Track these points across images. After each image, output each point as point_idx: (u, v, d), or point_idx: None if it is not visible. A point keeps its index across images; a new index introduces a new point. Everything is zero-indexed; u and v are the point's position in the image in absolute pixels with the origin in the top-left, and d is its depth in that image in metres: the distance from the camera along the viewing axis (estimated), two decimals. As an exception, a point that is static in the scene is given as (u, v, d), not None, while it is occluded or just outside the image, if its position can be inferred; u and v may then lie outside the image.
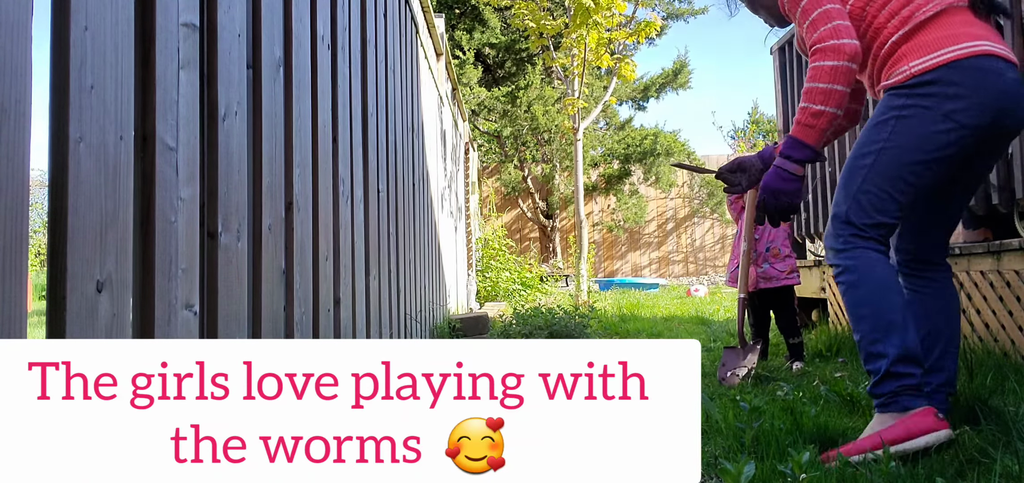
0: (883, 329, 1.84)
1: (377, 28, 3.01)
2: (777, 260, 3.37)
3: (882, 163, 1.89)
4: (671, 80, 15.31)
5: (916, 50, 1.89)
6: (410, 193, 3.90)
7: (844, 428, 2.10)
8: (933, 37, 1.88)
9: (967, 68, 1.83)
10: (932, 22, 1.90)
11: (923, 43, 1.89)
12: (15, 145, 0.89)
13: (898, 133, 1.88)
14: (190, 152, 1.30)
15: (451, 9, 14.02)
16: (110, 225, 1.06)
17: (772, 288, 3.37)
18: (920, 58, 1.87)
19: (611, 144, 15.14)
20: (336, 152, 2.27)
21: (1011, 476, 1.64)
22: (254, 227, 1.61)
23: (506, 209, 15.39)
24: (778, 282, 3.36)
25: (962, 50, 1.84)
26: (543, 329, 4.08)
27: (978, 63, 1.84)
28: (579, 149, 8.66)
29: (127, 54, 1.12)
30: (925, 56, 1.87)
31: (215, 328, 1.39)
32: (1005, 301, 2.74)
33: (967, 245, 2.91)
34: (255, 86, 1.63)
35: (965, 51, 1.84)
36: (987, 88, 1.83)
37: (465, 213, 8.58)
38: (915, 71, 1.87)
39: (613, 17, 8.17)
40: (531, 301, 7.18)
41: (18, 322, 0.90)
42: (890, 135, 1.89)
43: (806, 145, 1.94)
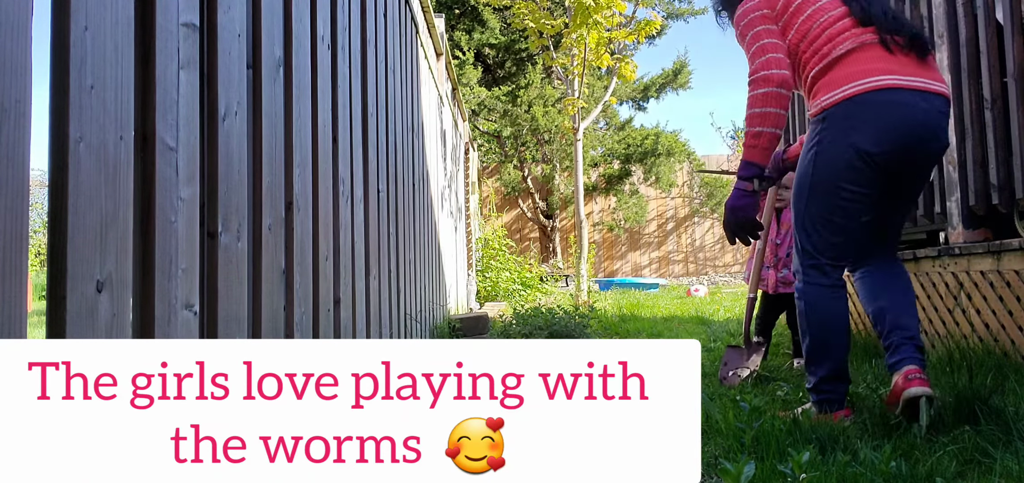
0: (819, 354, 2.20)
1: (377, 28, 3.01)
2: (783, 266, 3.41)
3: (816, 192, 2.16)
4: (671, 80, 15.30)
5: (827, 85, 2.13)
6: (410, 193, 3.90)
7: (843, 427, 2.10)
8: (842, 73, 2.11)
9: (867, 101, 2.06)
10: (844, 59, 2.13)
11: (833, 79, 2.12)
12: (15, 145, 0.89)
13: (819, 164, 2.15)
14: (190, 152, 1.30)
15: (451, 9, 14.02)
16: (110, 225, 1.06)
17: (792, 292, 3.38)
18: (828, 93, 2.12)
19: (611, 144, 15.14)
20: (336, 152, 2.27)
21: (1011, 476, 1.64)
22: (254, 227, 1.61)
23: (506, 209, 15.39)
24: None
25: (863, 85, 2.07)
26: (543, 329, 4.08)
27: (877, 96, 2.06)
28: (579, 149, 8.66)
29: (127, 54, 1.12)
30: (833, 91, 2.11)
31: (215, 328, 1.39)
32: (1005, 301, 2.74)
33: (967, 245, 2.91)
34: (255, 86, 1.63)
35: (866, 86, 2.07)
36: (885, 117, 2.06)
37: (465, 213, 8.58)
38: (824, 105, 2.13)
39: (613, 17, 8.17)
40: (531, 301, 7.18)
41: (18, 322, 0.90)
42: (814, 165, 2.16)
43: (752, 163, 2.21)
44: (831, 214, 2.16)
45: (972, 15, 2.99)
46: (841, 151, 2.10)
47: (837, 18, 2.17)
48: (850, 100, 2.08)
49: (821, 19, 2.18)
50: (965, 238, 2.98)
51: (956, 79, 3.04)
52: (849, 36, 2.14)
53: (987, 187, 2.92)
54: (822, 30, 2.18)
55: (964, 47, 3.00)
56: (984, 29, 2.90)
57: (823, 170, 2.14)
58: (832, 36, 2.16)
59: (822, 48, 2.16)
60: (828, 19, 2.18)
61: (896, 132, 2.07)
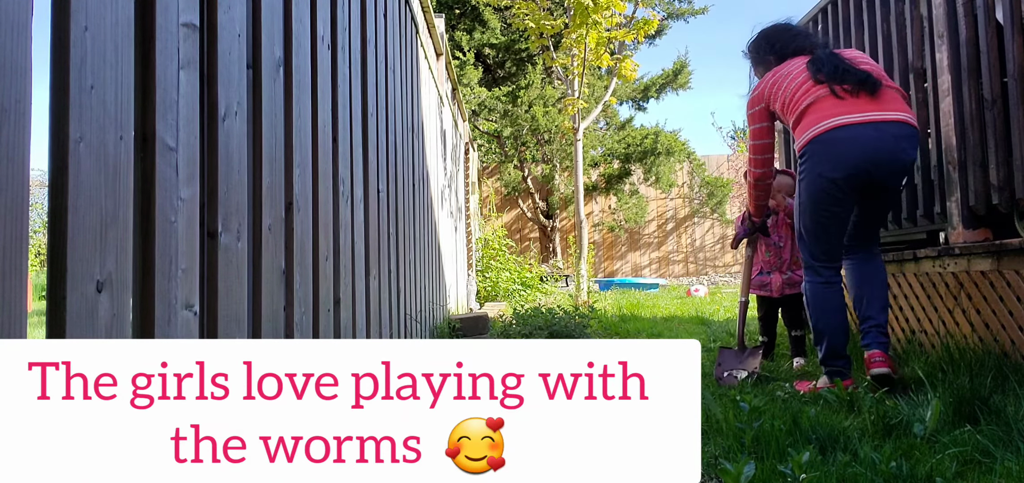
0: (820, 336, 2.87)
1: (377, 28, 3.01)
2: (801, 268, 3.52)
3: (806, 212, 2.85)
4: (671, 80, 15.29)
5: (799, 132, 2.85)
6: (410, 193, 3.90)
7: (843, 427, 2.10)
8: (807, 122, 2.81)
9: (823, 140, 2.74)
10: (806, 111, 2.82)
11: (802, 127, 2.83)
12: (15, 145, 0.89)
13: (804, 191, 2.84)
14: (190, 152, 1.30)
15: (451, 9, 14.01)
16: (110, 225, 1.06)
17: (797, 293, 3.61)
18: (800, 138, 2.83)
19: (611, 144, 15.12)
20: (336, 152, 2.27)
21: (1011, 476, 1.64)
22: (254, 227, 1.61)
23: (506, 209, 15.39)
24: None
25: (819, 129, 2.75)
26: (543, 329, 4.08)
27: (830, 135, 2.73)
28: (579, 149, 8.66)
29: (127, 54, 1.12)
30: (802, 136, 2.82)
31: (215, 328, 1.39)
32: (1005, 301, 2.74)
33: (967, 245, 2.91)
34: (255, 86, 1.63)
35: (821, 129, 2.75)
36: (838, 150, 2.71)
37: (465, 213, 8.58)
38: (800, 147, 2.84)
39: (613, 17, 8.17)
40: (531, 301, 7.18)
41: (18, 322, 0.90)
42: (803, 192, 2.85)
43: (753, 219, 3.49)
44: (818, 227, 2.83)
45: (972, 15, 2.98)
46: (815, 180, 2.77)
47: (802, 83, 2.87)
48: (813, 141, 2.77)
49: (791, 87, 2.91)
50: (965, 238, 2.98)
51: (956, 79, 3.04)
52: (809, 93, 2.83)
53: (987, 187, 2.92)
54: (792, 94, 2.89)
55: (964, 47, 3.00)
56: (984, 29, 2.90)
57: (807, 195, 2.82)
58: (797, 96, 2.87)
59: (791, 105, 2.88)
60: (795, 85, 2.89)
61: (849, 158, 2.70)
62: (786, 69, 2.98)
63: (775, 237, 3.63)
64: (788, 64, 2.99)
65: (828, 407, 2.46)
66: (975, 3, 2.97)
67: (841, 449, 1.89)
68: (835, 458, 1.79)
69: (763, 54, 3.16)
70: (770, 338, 3.73)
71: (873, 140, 2.69)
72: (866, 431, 2.10)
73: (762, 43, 3.18)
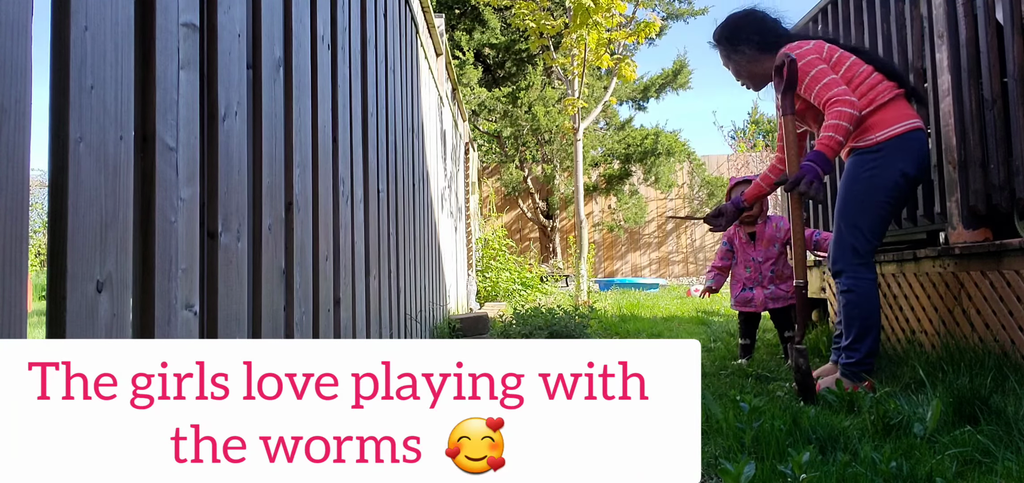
0: (863, 334, 2.77)
1: (377, 28, 3.01)
2: (782, 282, 3.70)
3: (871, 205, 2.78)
4: (671, 80, 15.29)
5: (878, 124, 2.77)
6: (410, 193, 3.90)
7: (843, 427, 2.10)
8: (890, 116, 2.77)
9: (910, 138, 2.76)
10: (888, 105, 2.79)
11: (883, 119, 2.77)
12: (15, 145, 0.88)
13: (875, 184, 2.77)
14: (190, 152, 1.30)
15: (451, 9, 14.01)
16: (110, 225, 1.06)
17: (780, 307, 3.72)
18: (881, 130, 2.77)
19: (611, 144, 15.12)
20: (336, 152, 2.27)
21: (1012, 476, 1.64)
22: (254, 227, 1.61)
23: (506, 209, 15.39)
24: (784, 302, 3.70)
25: (906, 126, 2.76)
26: (543, 329, 4.08)
27: (914, 134, 2.78)
28: (579, 149, 8.66)
29: (127, 54, 1.12)
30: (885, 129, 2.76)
31: (215, 328, 1.39)
32: (1005, 301, 2.74)
33: (967, 245, 2.91)
34: (255, 86, 1.63)
35: (908, 126, 2.76)
36: (918, 150, 2.79)
37: (465, 213, 8.57)
38: (879, 139, 2.77)
39: (613, 17, 8.16)
40: (531, 301, 7.17)
41: (18, 322, 0.90)
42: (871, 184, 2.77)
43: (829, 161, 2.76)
44: (879, 222, 2.79)
45: (972, 15, 2.98)
46: (891, 174, 2.74)
47: (870, 73, 2.83)
48: (900, 136, 2.74)
49: (860, 71, 2.83)
50: (965, 238, 2.98)
51: (956, 79, 3.04)
52: (888, 89, 2.80)
53: (987, 187, 2.92)
54: (863, 79, 2.82)
55: (964, 47, 3.00)
56: (984, 29, 2.90)
57: (879, 189, 2.76)
58: (874, 85, 2.81)
59: (868, 93, 2.80)
60: (865, 72, 2.83)
61: (924, 161, 2.81)
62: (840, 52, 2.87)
63: (754, 252, 3.72)
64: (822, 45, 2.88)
65: (828, 407, 2.46)
66: (975, 3, 2.97)
67: (841, 449, 1.89)
68: (835, 458, 1.79)
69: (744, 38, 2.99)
70: (751, 340, 3.81)
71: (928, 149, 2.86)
72: (866, 431, 2.10)
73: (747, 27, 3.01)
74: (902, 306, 3.41)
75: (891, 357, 3.24)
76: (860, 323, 2.76)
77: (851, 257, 2.79)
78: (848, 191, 2.83)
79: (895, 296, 3.47)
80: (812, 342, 3.82)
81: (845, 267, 2.81)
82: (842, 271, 2.82)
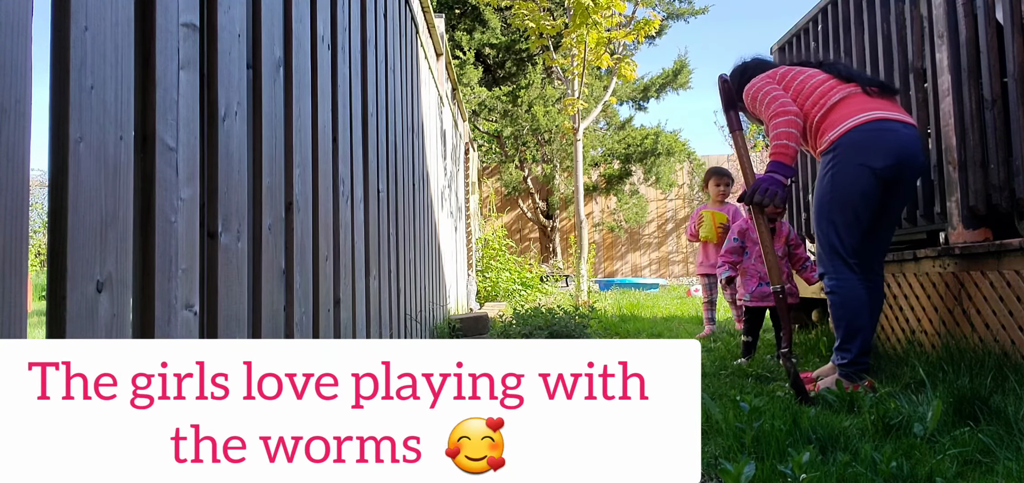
0: (852, 334, 2.79)
1: (377, 28, 3.01)
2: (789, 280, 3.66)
3: (838, 204, 2.77)
4: (671, 80, 15.28)
5: (831, 125, 2.84)
6: (410, 193, 3.90)
7: (844, 427, 2.10)
8: (841, 114, 2.82)
9: (866, 130, 2.75)
10: (838, 105, 2.85)
11: (834, 120, 2.83)
12: (15, 145, 0.88)
13: (836, 182, 2.78)
14: (190, 152, 1.30)
15: (451, 9, 14.00)
16: (110, 225, 1.06)
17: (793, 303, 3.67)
18: (834, 130, 2.81)
19: (611, 144, 15.12)
20: (336, 152, 2.27)
21: (1012, 476, 1.64)
22: (254, 227, 1.61)
23: (506, 209, 15.38)
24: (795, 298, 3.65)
25: (861, 119, 2.77)
26: (543, 329, 4.08)
27: (873, 125, 2.76)
28: (579, 149, 8.66)
29: (127, 54, 1.12)
30: (837, 127, 2.80)
31: (215, 328, 1.39)
32: (1005, 301, 2.74)
33: (967, 245, 2.91)
34: (255, 86, 1.63)
35: (863, 120, 2.77)
36: (882, 141, 2.74)
37: (465, 213, 8.57)
38: (833, 139, 2.81)
39: (613, 17, 8.16)
40: (531, 301, 7.17)
41: (18, 322, 0.90)
42: (832, 183, 2.79)
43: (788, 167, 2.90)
44: (853, 218, 2.76)
45: (972, 15, 2.98)
46: (852, 169, 2.74)
47: (824, 80, 2.92)
48: (853, 130, 2.75)
49: (812, 82, 2.93)
50: (965, 238, 2.98)
51: (956, 79, 3.04)
52: (839, 89, 2.87)
53: (987, 187, 2.92)
54: (814, 88, 2.91)
55: (964, 47, 3.00)
56: (984, 29, 2.90)
57: (841, 186, 2.77)
58: (825, 91, 2.89)
59: (819, 100, 2.88)
60: (816, 81, 2.93)
61: (891, 149, 2.73)
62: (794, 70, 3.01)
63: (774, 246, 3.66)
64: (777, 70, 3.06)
65: (828, 407, 2.46)
66: (975, 3, 2.97)
67: (841, 449, 1.89)
68: (835, 458, 1.79)
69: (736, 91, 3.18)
70: (754, 338, 3.78)
71: (907, 138, 2.77)
72: (866, 431, 2.10)
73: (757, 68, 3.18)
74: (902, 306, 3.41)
75: (891, 357, 3.24)
76: (846, 324, 2.79)
77: (832, 258, 2.82)
78: (817, 196, 2.90)
79: (895, 296, 3.46)
80: (812, 342, 3.83)
81: (827, 269, 2.84)
82: (825, 273, 2.86)
